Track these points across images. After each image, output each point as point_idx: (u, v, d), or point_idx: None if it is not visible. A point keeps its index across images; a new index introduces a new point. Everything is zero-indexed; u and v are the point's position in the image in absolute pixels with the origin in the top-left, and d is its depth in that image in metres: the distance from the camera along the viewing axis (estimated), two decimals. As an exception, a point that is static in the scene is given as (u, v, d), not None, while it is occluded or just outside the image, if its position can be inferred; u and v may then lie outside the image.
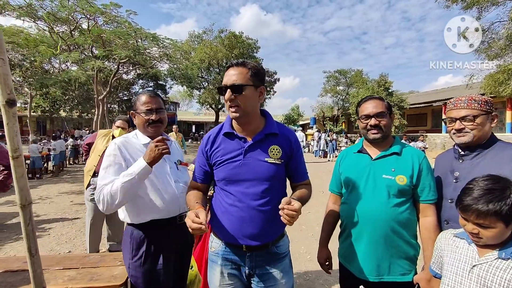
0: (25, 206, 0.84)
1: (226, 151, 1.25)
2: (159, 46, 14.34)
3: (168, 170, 1.52)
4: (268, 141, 1.26)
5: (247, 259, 1.24)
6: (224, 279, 1.26)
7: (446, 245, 1.13)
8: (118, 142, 1.43)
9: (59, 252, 3.48)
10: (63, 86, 16.75)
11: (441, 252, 1.14)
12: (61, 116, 25.12)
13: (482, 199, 0.94)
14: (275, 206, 1.17)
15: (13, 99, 0.78)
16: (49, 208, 5.46)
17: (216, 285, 1.27)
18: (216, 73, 23.09)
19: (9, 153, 0.80)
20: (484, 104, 1.29)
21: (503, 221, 0.92)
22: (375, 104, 1.43)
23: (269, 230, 1.23)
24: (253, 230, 1.20)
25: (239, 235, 1.21)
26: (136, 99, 1.52)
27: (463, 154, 1.36)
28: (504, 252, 0.93)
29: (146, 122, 1.47)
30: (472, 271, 0.98)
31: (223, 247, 1.27)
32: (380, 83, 19.32)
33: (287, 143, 1.29)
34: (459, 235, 1.10)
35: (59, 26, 13.96)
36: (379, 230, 1.35)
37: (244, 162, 1.22)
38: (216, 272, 1.28)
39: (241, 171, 1.21)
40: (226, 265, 1.27)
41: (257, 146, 1.24)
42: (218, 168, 1.27)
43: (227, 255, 1.26)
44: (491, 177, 1.00)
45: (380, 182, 1.38)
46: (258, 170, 1.21)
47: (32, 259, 0.85)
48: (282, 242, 1.30)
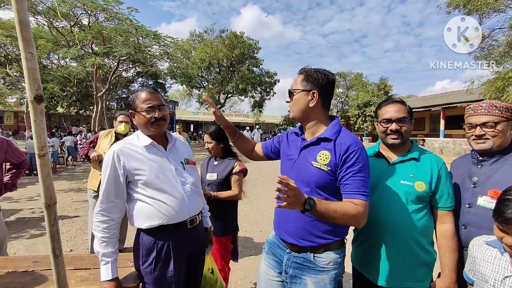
0: (50, 206, 0.81)
1: (290, 147, 1.41)
2: (160, 45, 14.30)
3: (174, 172, 1.42)
4: (320, 146, 1.24)
5: (285, 256, 1.29)
6: (266, 268, 1.39)
7: (478, 253, 1.11)
8: (116, 149, 1.32)
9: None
10: (62, 82, 16.60)
11: (474, 260, 1.12)
12: (58, 112, 24.88)
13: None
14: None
15: (41, 95, 0.76)
16: (48, 205, 5.39)
17: (260, 270, 1.42)
18: (216, 72, 23.05)
19: (35, 151, 0.78)
20: (505, 111, 1.28)
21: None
22: (397, 108, 1.40)
23: (307, 235, 1.22)
24: (290, 227, 1.27)
25: (281, 229, 1.33)
26: (135, 97, 1.41)
27: (482, 160, 1.36)
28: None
29: (148, 121, 1.36)
30: (505, 282, 0.97)
31: (273, 237, 1.41)
32: (380, 86, 19.45)
33: (340, 151, 1.18)
34: (491, 244, 1.07)
35: (59, 22, 13.87)
36: (397, 237, 1.34)
37: (297, 161, 1.30)
38: (262, 258, 1.44)
39: (292, 169, 1.31)
40: (269, 253, 1.39)
41: (310, 148, 1.28)
42: (282, 162, 1.43)
43: (272, 245, 1.38)
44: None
45: (398, 188, 1.37)
46: (303, 172, 1.25)
47: (56, 260, 0.83)
48: (324, 254, 1.23)
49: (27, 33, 0.71)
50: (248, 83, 22.32)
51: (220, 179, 2.10)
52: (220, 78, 22.58)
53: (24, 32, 0.70)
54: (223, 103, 25.29)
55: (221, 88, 22.82)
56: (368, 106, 19.29)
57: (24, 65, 0.72)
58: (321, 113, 1.29)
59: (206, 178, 2.16)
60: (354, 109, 20.23)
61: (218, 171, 2.13)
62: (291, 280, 1.26)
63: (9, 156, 2.17)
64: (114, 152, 1.30)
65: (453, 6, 11.13)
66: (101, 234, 1.27)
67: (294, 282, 1.26)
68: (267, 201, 5.92)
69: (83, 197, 6.12)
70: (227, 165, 2.15)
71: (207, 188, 2.10)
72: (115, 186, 1.29)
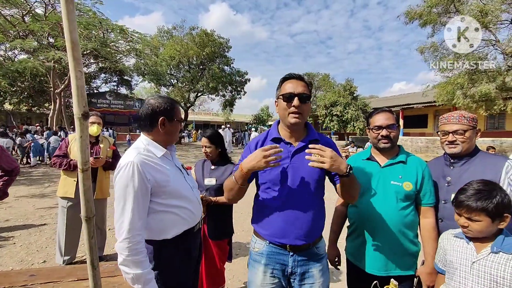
0: (90, 218, 0.82)
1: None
2: (127, 40, 13.59)
3: (184, 178, 1.46)
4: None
5: (290, 258, 1.33)
6: (266, 278, 1.33)
7: (448, 244, 1.30)
8: (137, 161, 1.20)
9: (32, 263, 3.18)
10: (12, 76, 15.00)
11: (445, 251, 1.32)
12: (6, 109, 22.35)
13: (473, 197, 1.14)
14: (316, 208, 1.34)
15: (87, 111, 0.77)
16: (8, 214, 4.91)
17: (258, 284, 1.34)
18: (186, 70, 22.48)
19: (78, 165, 0.78)
20: (471, 121, 1.53)
21: (489, 217, 1.12)
22: (386, 116, 1.60)
23: (312, 231, 1.33)
24: (298, 230, 1.29)
25: (285, 235, 1.29)
26: (173, 107, 1.39)
27: (453, 162, 1.59)
28: (495, 246, 1.13)
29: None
30: (473, 267, 1.16)
31: (267, 247, 1.35)
32: (346, 87, 20.48)
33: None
34: (458, 235, 1.27)
35: (7, 9, 12.54)
36: (388, 231, 1.52)
37: (291, 165, 1.31)
38: (258, 272, 1.35)
39: (288, 174, 1.31)
40: (269, 264, 1.34)
41: (302, 150, 1.33)
42: (266, 171, 1.32)
43: (271, 255, 1.34)
44: (482, 181, 1.20)
45: (389, 187, 1.55)
46: (303, 173, 1.31)
47: (94, 271, 0.84)
48: (320, 243, 1.41)
49: (77, 53, 0.72)
50: (219, 82, 22.12)
51: (219, 184, 2.11)
52: (190, 77, 22.05)
53: (74, 51, 0.71)
54: (193, 102, 24.78)
55: (191, 86, 22.32)
56: (334, 106, 20.21)
57: (73, 83, 0.73)
58: None
59: (204, 183, 2.16)
60: (321, 108, 21.07)
61: (216, 176, 2.15)
62: (300, 277, 1.34)
63: (2, 162, 2.04)
64: (135, 165, 1.19)
65: (409, 18, 12.26)
66: (138, 256, 1.16)
67: (303, 278, 1.35)
68: (244, 201, 5.99)
69: (47, 203, 5.67)
70: (225, 170, 2.17)
71: (206, 193, 2.11)
72: (144, 201, 1.21)
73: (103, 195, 3.09)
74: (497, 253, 1.11)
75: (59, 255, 2.98)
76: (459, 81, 11.25)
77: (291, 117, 1.29)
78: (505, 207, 1.11)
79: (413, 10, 12.12)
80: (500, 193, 1.13)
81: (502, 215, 1.12)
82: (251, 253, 1.42)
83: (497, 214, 1.11)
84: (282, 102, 1.32)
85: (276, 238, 1.32)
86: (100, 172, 3.05)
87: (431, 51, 12.19)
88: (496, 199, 1.11)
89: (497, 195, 1.12)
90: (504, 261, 1.08)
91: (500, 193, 1.13)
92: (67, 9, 0.70)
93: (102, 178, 3.07)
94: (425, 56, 12.56)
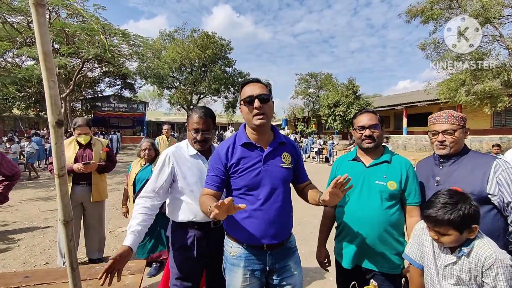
0: (68, 222, 0.86)
1: (246, 160, 1.36)
2: (130, 44, 13.75)
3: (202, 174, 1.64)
4: (280, 149, 1.45)
5: (268, 257, 1.37)
6: (246, 280, 1.35)
7: (425, 234, 1.31)
8: (170, 152, 1.66)
9: (35, 265, 3.26)
10: (19, 82, 15.32)
11: (421, 243, 1.32)
12: (14, 115, 22.84)
13: (440, 211, 1.13)
14: (288, 207, 1.43)
15: (62, 119, 0.81)
16: (14, 217, 5.03)
17: (237, 287, 1.35)
18: (188, 72, 22.64)
19: (55, 171, 0.82)
20: (460, 120, 1.53)
21: (456, 229, 1.11)
22: (369, 117, 1.62)
23: (286, 228, 1.43)
24: (275, 230, 1.35)
25: (262, 236, 1.33)
26: (189, 116, 1.72)
27: (442, 162, 1.59)
28: (460, 252, 1.14)
29: (192, 140, 1.69)
30: (445, 270, 1.19)
31: (244, 250, 1.37)
32: (348, 86, 20.41)
33: (293, 150, 1.50)
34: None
35: (14, 17, 12.81)
36: (374, 231, 1.53)
37: (264, 168, 1.36)
38: (237, 275, 1.36)
39: (262, 177, 1.35)
40: (249, 266, 1.36)
41: (273, 153, 1.40)
42: (240, 177, 1.35)
43: (249, 257, 1.36)
44: (448, 193, 1.17)
45: (374, 187, 1.56)
46: (277, 175, 1.37)
47: (73, 273, 0.88)
48: (292, 238, 1.50)
49: (50, 63, 0.76)
50: (221, 84, 22.24)
51: None
52: (192, 79, 22.21)
53: (47, 62, 0.75)
54: (196, 104, 24.95)
55: (193, 88, 22.48)
56: (337, 105, 20.15)
57: (46, 93, 0.76)
58: None
59: None
60: (324, 108, 21.01)
61: None
62: (279, 272, 1.40)
63: (3, 168, 2.09)
64: (167, 155, 1.65)
65: (410, 16, 12.15)
66: (135, 208, 1.57)
67: (282, 272, 1.40)
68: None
69: (52, 206, 5.78)
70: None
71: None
72: (166, 181, 1.62)
73: (100, 197, 3.12)
74: (460, 257, 1.15)
75: (59, 256, 3.04)
76: (462, 78, 11.11)
77: (255, 119, 1.32)
78: (471, 218, 1.10)
79: (415, 7, 12.01)
80: (465, 205, 1.11)
81: (470, 226, 1.12)
82: (228, 257, 1.42)
83: (464, 226, 1.11)
84: (244, 107, 1.36)
85: (254, 240, 1.34)
86: (94, 175, 3.05)
87: (432, 48, 12.08)
88: (462, 212, 1.09)
89: (461, 207, 1.10)
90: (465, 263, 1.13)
91: (465, 205, 1.11)
92: (39, 22, 0.73)
93: (98, 181, 3.09)
94: (427, 53, 12.44)
